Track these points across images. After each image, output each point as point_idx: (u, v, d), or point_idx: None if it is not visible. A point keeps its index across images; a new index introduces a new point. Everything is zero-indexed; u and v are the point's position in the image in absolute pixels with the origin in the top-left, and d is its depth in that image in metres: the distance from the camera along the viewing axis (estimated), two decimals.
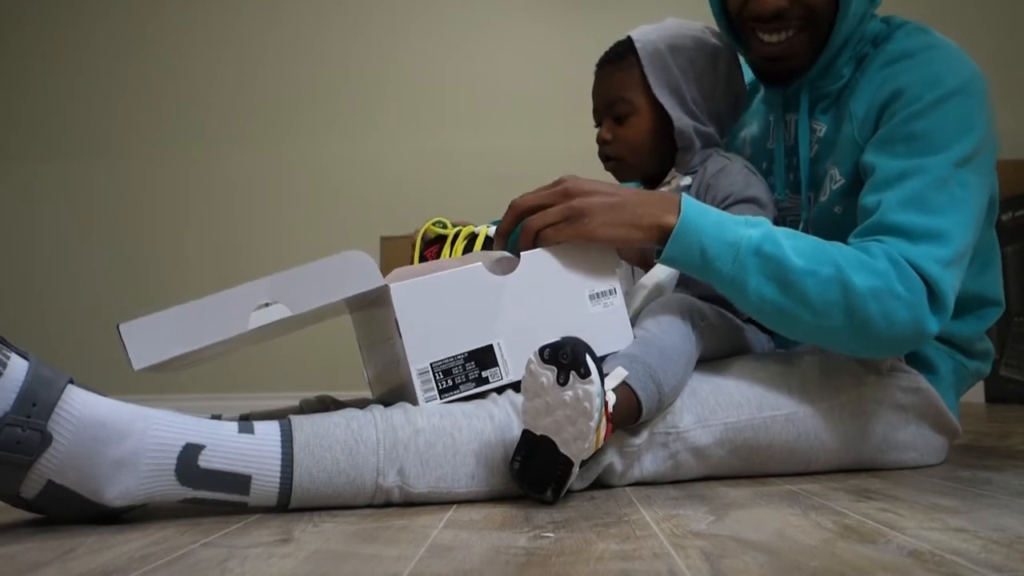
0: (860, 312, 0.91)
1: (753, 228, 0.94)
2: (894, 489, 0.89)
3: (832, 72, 1.08)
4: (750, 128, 1.22)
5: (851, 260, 0.92)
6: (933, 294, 0.93)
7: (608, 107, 1.13)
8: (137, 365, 0.81)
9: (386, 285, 0.90)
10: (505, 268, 0.95)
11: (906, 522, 0.72)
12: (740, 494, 0.88)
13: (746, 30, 1.08)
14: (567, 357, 0.79)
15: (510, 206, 0.97)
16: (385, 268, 2.85)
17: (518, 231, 0.97)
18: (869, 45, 1.07)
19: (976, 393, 2.60)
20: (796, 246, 0.93)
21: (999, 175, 1.10)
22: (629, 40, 1.13)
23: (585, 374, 0.78)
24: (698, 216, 0.93)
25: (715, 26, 1.15)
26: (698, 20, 1.17)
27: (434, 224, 1.11)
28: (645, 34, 1.13)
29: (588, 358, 0.79)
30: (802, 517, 0.75)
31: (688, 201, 0.94)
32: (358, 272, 0.88)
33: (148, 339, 0.81)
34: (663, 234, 0.94)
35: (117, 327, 0.81)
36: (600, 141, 1.14)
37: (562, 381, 0.79)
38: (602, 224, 0.93)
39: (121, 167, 3.14)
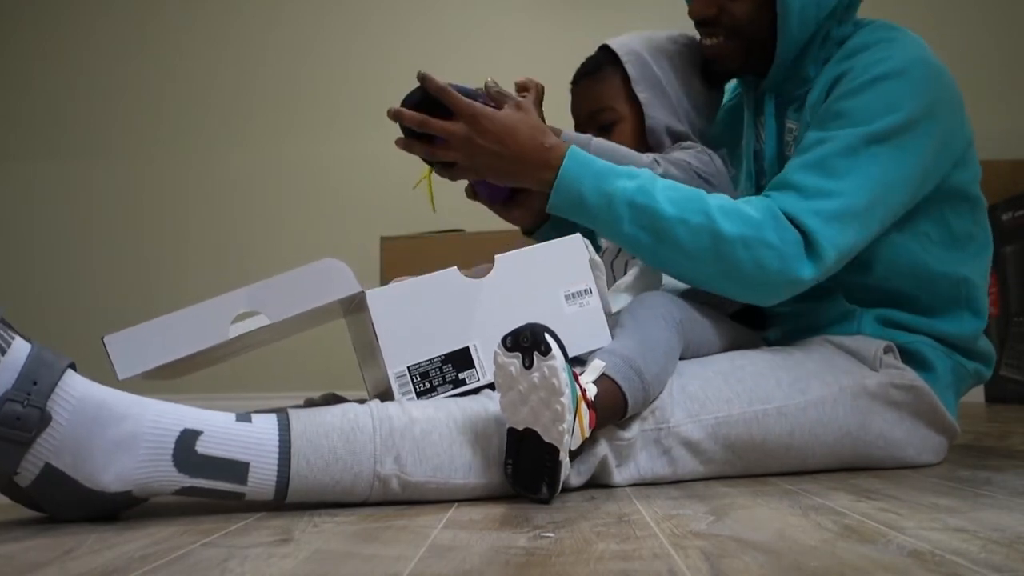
0: (729, 258, 0.96)
1: (630, 179, 0.99)
2: (894, 489, 0.90)
3: (798, 76, 1.10)
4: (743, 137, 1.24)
5: (725, 209, 0.97)
6: (810, 245, 0.96)
7: (591, 118, 1.15)
8: (122, 375, 0.84)
9: (363, 291, 0.92)
10: (480, 272, 0.96)
11: (906, 522, 0.72)
12: (740, 494, 0.88)
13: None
14: (527, 340, 0.81)
15: (421, 120, 1.01)
16: (385, 268, 2.83)
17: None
18: (836, 47, 1.08)
19: (976, 393, 2.60)
20: (671, 196, 0.98)
21: (998, 174, 1.10)
22: (605, 49, 1.16)
23: (546, 351, 0.80)
24: (578, 167, 1.00)
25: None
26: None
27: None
28: (622, 42, 1.16)
29: (548, 336, 0.80)
30: (802, 517, 0.75)
31: (573, 152, 1.00)
32: (335, 280, 0.90)
33: (132, 349, 0.84)
34: (545, 187, 1.01)
35: (102, 339, 0.84)
36: None
37: (527, 365, 0.80)
38: (480, 175, 1.04)
39: (121, 167, 3.14)
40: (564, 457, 0.81)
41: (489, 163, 1.01)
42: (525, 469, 0.83)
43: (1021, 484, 0.92)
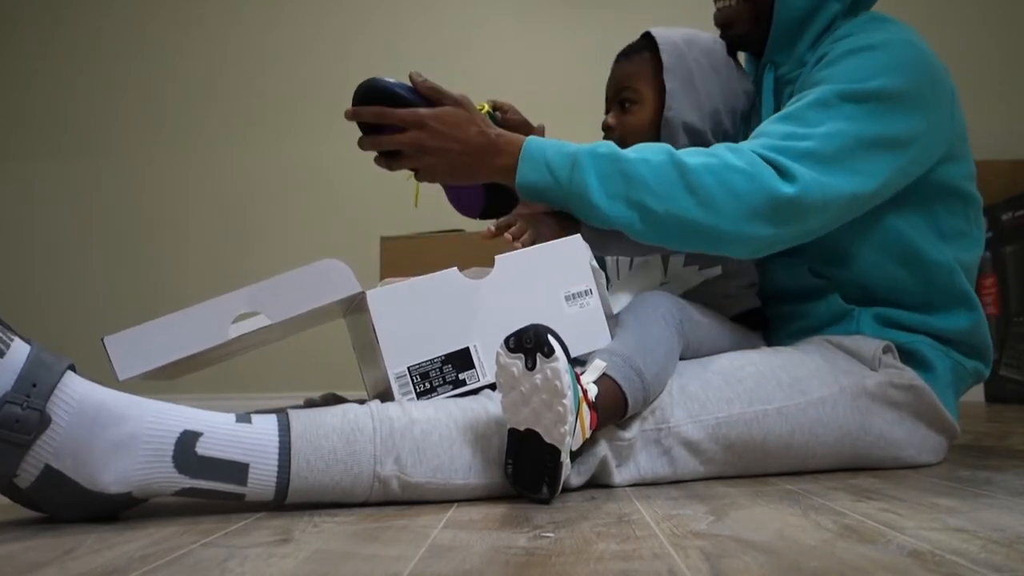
0: (700, 188, 0.94)
1: (595, 145, 0.99)
2: (894, 489, 0.90)
3: (794, 55, 1.11)
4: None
5: (686, 151, 0.98)
6: (782, 172, 0.95)
7: (616, 95, 1.17)
8: (122, 376, 0.84)
9: (363, 291, 0.92)
10: (480, 273, 0.96)
11: (906, 522, 0.72)
12: (740, 494, 0.88)
13: None
14: (530, 341, 0.81)
15: (371, 141, 1.02)
16: (385, 268, 2.84)
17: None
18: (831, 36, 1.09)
19: (976, 393, 2.60)
20: (631, 148, 0.99)
21: (998, 174, 1.11)
22: (647, 36, 1.17)
23: (549, 352, 0.79)
24: (541, 141, 1.01)
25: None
26: (696, 19, 1.21)
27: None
28: (665, 32, 1.17)
29: (551, 338, 0.80)
30: (802, 517, 0.75)
31: (532, 137, 1.02)
32: (335, 280, 0.91)
33: (132, 350, 0.85)
34: (508, 174, 1.00)
35: (102, 339, 0.84)
36: (604, 127, 1.17)
37: (530, 366, 0.80)
38: (435, 176, 1.03)
39: (121, 167, 3.14)
40: (565, 458, 0.81)
41: (441, 164, 1.02)
42: (526, 469, 0.83)
43: (1021, 484, 0.92)
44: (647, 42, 1.17)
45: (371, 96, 1.02)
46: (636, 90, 1.15)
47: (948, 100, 1.04)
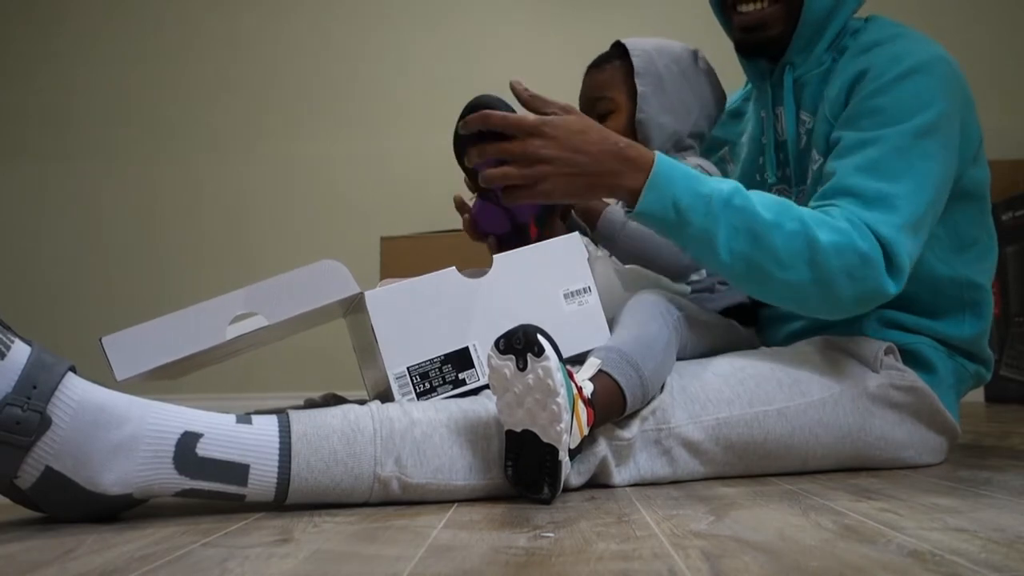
0: (824, 266, 0.93)
1: (723, 183, 0.96)
2: (894, 489, 0.89)
3: (813, 57, 1.11)
4: (746, 131, 1.24)
5: (815, 218, 0.95)
6: (888, 257, 0.95)
7: (590, 106, 1.19)
8: (120, 376, 0.84)
9: (362, 292, 0.92)
10: (479, 272, 0.96)
11: (906, 522, 0.72)
12: (740, 494, 0.88)
13: (725, 7, 1.14)
14: (520, 342, 0.80)
15: (477, 149, 0.94)
16: (385, 268, 2.83)
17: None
18: (849, 38, 1.10)
19: (976, 393, 2.60)
20: (763, 201, 0.95)
21: (998, 174, 1.11)
22: (618, 45, 1.20)
23: (539, 352, 0.79)
24: (670, 168, 0.94)
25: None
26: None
27: None
28: (635, 40, 1.19)
29: (541, 337, 0.80)
30: (802, 517, 0.75)
31: (661, 156, 0.95)
32: (333, 281, 0.90)
33: (130, 351, 0.85)
34: (629, 196, 0.94)
35: (100, 340, 0.84)
36: None
37: (521, 367, 0.80)
38: (556, 196, 0.94)
39: (123, 167, 3.14)
40: (564, 456, 0.81)
41: (560, 178, 0.92)
42: (526, 470, 0.83)
43: (1021, 484, 0.92)
44: (617, 51, 1.19)
45: (465, 140, 0.95)
46: (611, 99, 1.17)
47: (973, 106, 1.07)
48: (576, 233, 1.00)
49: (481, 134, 0.93)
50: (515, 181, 0.92)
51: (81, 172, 3.14)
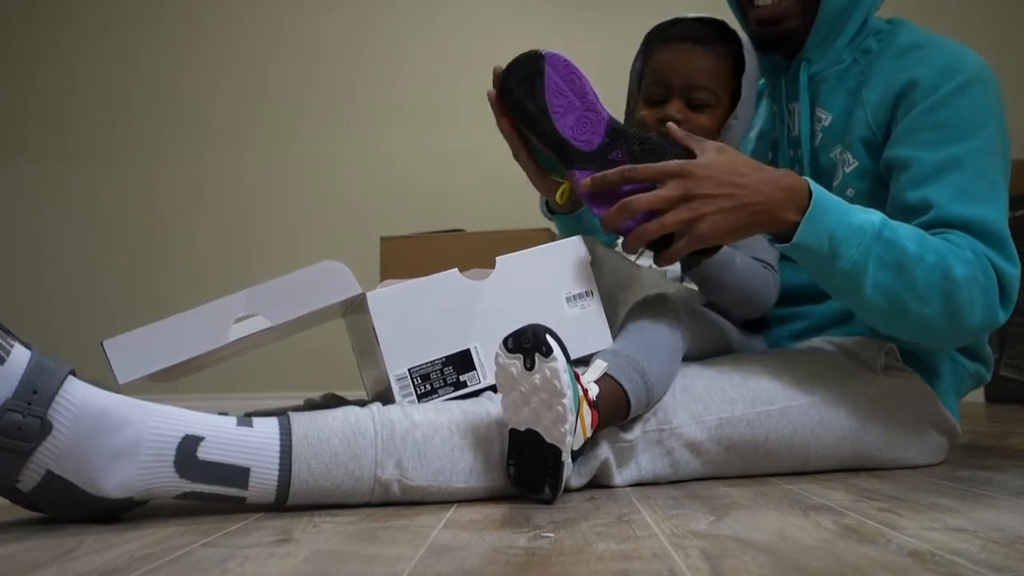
0: (955, 299, 0.93)
1: (871, 213, 0.94)
2: (894, 489, 0.89)
3: (830, 54, 1.10)
4: (757, 126, 1.24)
5: (949, 249, 0.94)
6: (1002, 287, 0.96)
7: (687, 89, 1.05)
8: (122, 380, 0.84)
9: (363, 293, 0.91)
10: (481, 274, 0.96)
11: (906, 522, 0.72)
12: (740, 494, 0.88)
13: (742, 1, 1.12)
14: (529, 341, 0.80)
15: (621, 205, 0.90)
16: (385, 268, 2.83)
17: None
18: (872, 38, 1.09)
19: (976, 393, 2.60)
20: (905, 233, 0.94)
21: None
22: (722, 27, 1.07)
23: (547, 352, 0.79)
24: (824, 198, 0.91)
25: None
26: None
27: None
28: (734, 29, 1.09)
29: (549, 337, 0.80)
30: (802, 517, 0.75)
31: (813, 184, 0.92)
32: (335, 282, 0.90)
33: (132, 354, 0.84)
34: (786, 228, 0.91)
35: (101, 344, 0.83)
36: (660, 119, 1.05)
37: (529, 366, 0.80)
38: (720, 234, 0.90)
39: (123, 168, 3.14)
40: (566, 457, 0.81)
41: (720, 216, 0.88)
42: (527, 470, 0.83)
43: (1021, 484, 0.92)
44: (721, 35, 1.07)
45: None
46: (714, 92, 1.05)
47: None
48: (578, 237, 1.00)
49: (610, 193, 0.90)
50: (671, 229, 0.89)
51: (81, 172, 3.15)
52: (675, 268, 1.14)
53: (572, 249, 0.98)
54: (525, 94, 0.97)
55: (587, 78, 0.96)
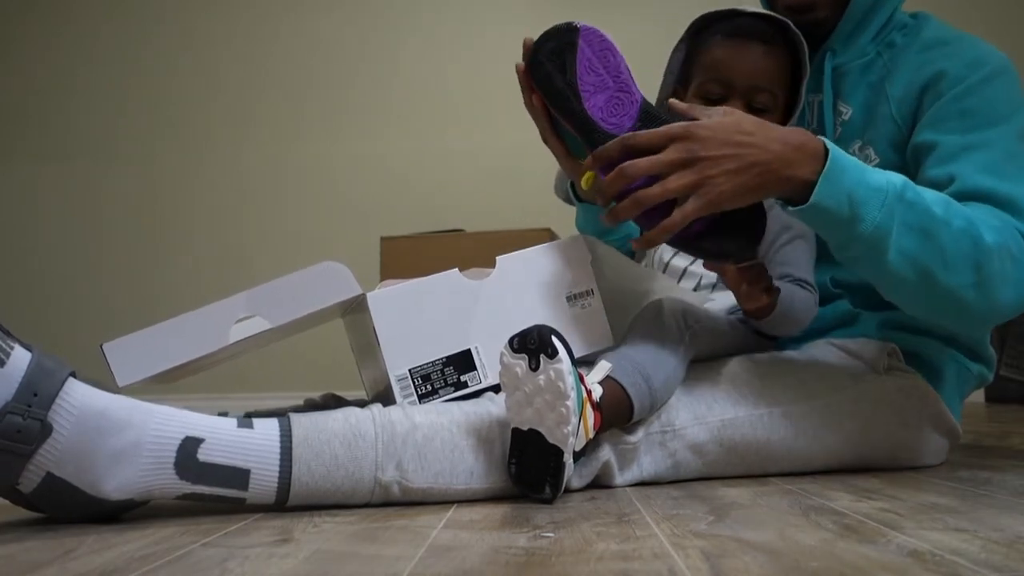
0: (986, 269, 0.88)
1: (891, 175, 0.88)
2: (894, 489, 0.89)
3: (855, 46, 1.09)
4: None
5: (977, 215, 0.89)
6: None
7: (750, 91, 1.00)
8: (122, 382, 0.84)
9: (363, 293, 0.91)
10: (481, 274, 0.96)
11: (906, 522, 0.72)
12: (740, 494, 0.88)
13: None
14: (534, 342, 0.80)
15: (618, 171, 0.84)
16: (385, 268, 2.83)
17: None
18: (897, 32, 1.09)
19: (976, 393, 2.60)
20: (931, 196, 0.89)
21: None
22: (787, 28, 1.02)
23: (553, 354, 0.79)
24: (841, 157, 0.86)
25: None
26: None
27: None
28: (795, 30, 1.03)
29: (555, 339, 0.80)
30: (802, 517, 0.75)
31: (829, 143, 0.87)
32: (335, 282, 0.90)
33: (131, 357, 0.84)
34: (800, 189, 0.85)
35: (101, 347, 0.83)
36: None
37: (534, 367, 0.80)
38: (727, 197, 0.83)
39: (122, 168, 3.14)
40: (568, 458, 0.81)
41: (726, 178, 0.82)
42: (529, 469, 0.83)
43: (1021, 484, 0.92)
44: (782, 35, 1.02)
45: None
46: (776, 96, 1.01)
47: None
48: (579, 235, 0.99)
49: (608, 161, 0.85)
50: (675, 194, 0.83)
51: (80, 172, 3.15)
52: (711, 277, 1.11)
53: (573, 248, 0.98)
54: (555, 68, 0.90)
55: (622, 56, 0.90)
